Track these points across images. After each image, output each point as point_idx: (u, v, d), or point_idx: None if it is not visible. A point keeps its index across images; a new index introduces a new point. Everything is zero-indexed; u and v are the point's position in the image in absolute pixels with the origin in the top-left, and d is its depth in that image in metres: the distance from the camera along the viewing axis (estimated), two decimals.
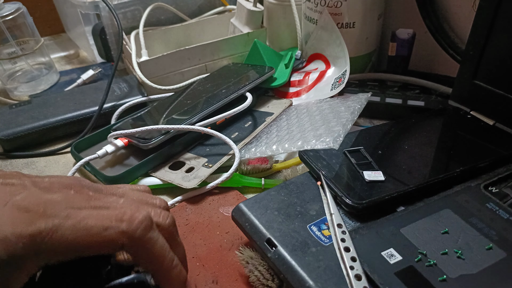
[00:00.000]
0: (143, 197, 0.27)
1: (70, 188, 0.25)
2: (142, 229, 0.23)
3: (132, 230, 0.23)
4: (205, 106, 0.47)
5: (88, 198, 0.25)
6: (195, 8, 0.67)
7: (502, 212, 0.30)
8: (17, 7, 0.58)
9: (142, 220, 0.24)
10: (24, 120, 0.50)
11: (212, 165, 0.43)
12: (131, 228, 0.23)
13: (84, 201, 0.24)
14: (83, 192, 0.25)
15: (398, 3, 0.54)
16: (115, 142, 0.44)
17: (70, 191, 0.24)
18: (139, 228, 0.23)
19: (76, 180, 0.26)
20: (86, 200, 0.24)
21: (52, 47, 0.76)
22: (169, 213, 0.27)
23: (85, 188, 0.25)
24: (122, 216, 0.23)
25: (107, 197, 0.25)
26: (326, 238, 0.30)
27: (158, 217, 0.26)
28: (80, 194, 0.25)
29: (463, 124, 0.43)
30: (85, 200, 0.24)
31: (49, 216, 0.22)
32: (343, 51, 0.52)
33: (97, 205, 0.24)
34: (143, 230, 0.23)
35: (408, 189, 0.33)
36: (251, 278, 0.31)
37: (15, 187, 0.24)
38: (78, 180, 0.26)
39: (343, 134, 0.40)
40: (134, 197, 0.27)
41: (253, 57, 0.57)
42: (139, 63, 0.53)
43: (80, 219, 0.23)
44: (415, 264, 0.27)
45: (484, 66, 0.41)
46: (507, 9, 0.37)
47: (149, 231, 0.24)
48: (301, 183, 0.36)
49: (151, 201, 0.28)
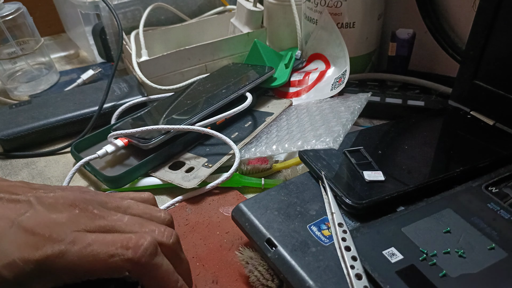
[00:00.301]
0: (147, 211, 0.28)
1: (74, 206, 0.25)
2: (147, 256, 0.24)
3: (138, 258, 0.23)
4: (205, 106, 0.47)
5: (93, 217, 0.25)
6: (195, 8, 0.67)
7: (503, 212, 0.30)
8: (17, 7, 0.58)
9: (147, 248, 0.24)
10: (24, 120, 0.50)
11: (212, 165, 0.43)
12: (136, 256, 0.23)
13: (89, 220, 0.24)
14: (87, 210, 0.25)
15: (398, 3, 0.54)
16: (115, 142, 0.44)
17: (75, 210, 0.25)
18: (144, 255, 0.24)
19: (80, 194, 0.26)
20: (91, 219, 0.25)
21: (52, 47, 0.76)
22: (173, 230, 0.27)
23: (89, 205, 0.25)
24: (127, 243, 0.24)
25: (111, 215, 0.25)
26: (326, 238, 0.30)
27: (162, 236, 0.26)
28: (85, 213, 0.25)
29: (463, 124, 0.43)
30: (90, 220, 0.24)
31: (55, 241, 0.23)
32: (343, 51, 0.52)
33: (102, 226, 0.25)
34: (148, 257, 0.24)
35: (408, 189, 0.33)
36: (251, 278, 0.31)
37: (21, 205, 0.24)
38: (82, 193, 0.26)
39: (343, 134, 0.40)
40: (139, 211, 0.27)
41: (253, 57, 0.57)
42: (139, 63, 0.53)
43: (86, 244, 0.23)
44: (416, 263, 0.27)
45: (484, 66, 0.41)
46: (507, 9, 0.37)
47: (154, 258, 0.24)
48: (301, 183, 0.36)
49: (156, 214, 0.28)
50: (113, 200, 0.27)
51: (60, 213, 0.24)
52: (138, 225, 0.25)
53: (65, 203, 0.25)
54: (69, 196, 0.25)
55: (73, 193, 0.26)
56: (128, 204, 0.27)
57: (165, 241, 0.26)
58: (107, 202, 0.27)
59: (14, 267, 0.22)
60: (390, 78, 0.54)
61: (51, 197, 0.25)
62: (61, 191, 0.26)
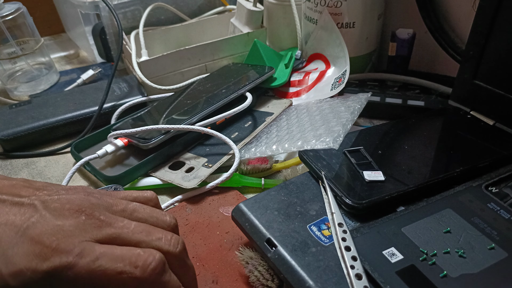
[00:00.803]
0: (153, 214, 0.27)
1: (81, 211, 0.25)
2: (155, 275, 0.24)
3: (146, 277, 0.23)
4: (205, 106, 0.47)
5: (100, 224, 0.25)
6: (195, 8, 0.67)
7: (503, 212, 0.30)
8: (17, 7, 0.58)
9: (156, 267, 0.24)
10: (24, 120, 0.50)
11: (212, 165, 0.43)
12: (144, 276, 0.23)
13: (96, 229, 0.24)
14: (94, 217, 0.25)
15: (398, 3, 0.54)
16: (115, 142, 0.44)
17: (81, 216, 0.24)
18: (152, 274, 0.24)
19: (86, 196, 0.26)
20: (98, 227, 0.24)
21: (52, 47, 0.76)
22: (179, 237, 0.27)
23: (95, 210, 0.25)
24: (136, 260, 0.23)
25: (118, 221, 0.25)
26: (326, 238, 0.30)
27: (169, 245, 0.26)
28: (92, 220, 0.25)
29: (463, 124, 0.43)
30: (97, 228, 0.24)
31: (63, 252, 0.22)
32: (343, 51, 0.52)
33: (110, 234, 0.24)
34: (156, 276, 0.24)
35: (408, 189, 0.33)
36: (251, 278, 0.31)
37: (25, 209, 0.24)
38: (87, 196, 0.26)
39: (343, 134, 0.40)
40: (145, 214, 0.27)
41: (253, 57, 0.57)
42: (139, 63, 0.53)
43: (94, 258, 0.23)
44: (416, 263, 0.27)
45: (484, 66, 0.41)
46: (507, 9, 0.37)
47: (162, 276, 0.24)
48: (301, 183, 0.36)
49: (162, 218, 0.28)
50: (118, 203, 0.27)
51: (66, 219, 0.24)
52: (145, 233, 0.25)
53: (71, 208, 0.25)
54: (75, 201, 0.25)
55: (78, 195, 0.26)
56: (134, 207, 0.27)
57: (172, 250, 0.26)
58: (112, 204, 0.27)
59: (21, 276, 0.22)
60: (390, 78, 0.54)
61: (56, 200, 0.25)
62: (65, 192, 0.26)
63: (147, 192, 0.30)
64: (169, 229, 0.27)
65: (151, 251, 0.24)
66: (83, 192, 0.27)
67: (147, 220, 0.27)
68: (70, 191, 0.26)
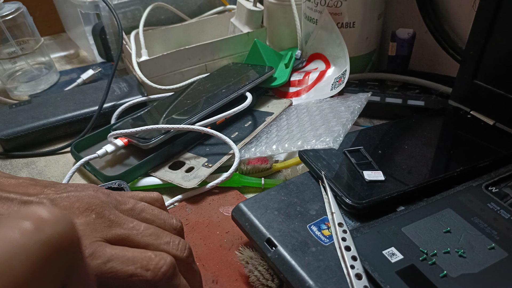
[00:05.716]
0: (161, 216, 0.28)
1: (90, 210, 0.25)
2: (166, 279, 0.24)
3: (156, 280, 0.23)
4: (205, 106, 0.47)
5: (110, 224, 0.25)
6: (195, 8, 0.67)
7: (503, 212, 0.30)
8: (17, 7, 0.58)
9: (167, 271, 0.24)
10: (24, 120, 0.50)
11: (212, 165, 0.43)
12: (155, 279, 0.23)
13: (107, 228, 0.24)
14: (104, 216, 0.25)
15: (398, 3, 0.54)
16: (115, 142, 0.44)
17: (92, 215, 0.24)
18: (163, 278, 0.24)
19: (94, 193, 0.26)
20: (108, 227, 0.24)
21: (52, 47, 0.76)
22: (186, 242, 0.27)
23: (105, 209, 0.25)
24: (147, 263, 0.23)
25: (127, 222, 0.25)
26: (326, 238, 0.30)
27: (176, 250, 0.26)
28: (102, 219, 0.24)
29: (463, 124, 0.43)
30: (107, 228, 0.24)
31: None
32: (343, 51, 0.52)
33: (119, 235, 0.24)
34: (166, 279, 0.24)
35: (408, 189, 0.33)
36: (251, 278, 0.31)
37: None
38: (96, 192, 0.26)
39: (343, 134, 0.40)
40: (153, 216, 0.27)
41: (253, 57, 0.57)
42: (139, 63, 0.53)
43: (106, 260, 0.23)
44: (416, 262, 0.27)
45: (484, 66, 0.41)
46: (507, 9, 0.37)
47: (172, 280, 0.24)
48: (301, 183, 0.36)
49: (169, 221, 0.28)
50: (127, 201, 0.27)
51: (77, 218, 0.24)
52: (154, 237, 0.25)
53: (81, 206, 0.24)
54: (84, 198, 0.25)
55: (87, 192, 0.26)
56: (142, 207, 0.27)
57: (179, 255, 0.26)
58: (121, 202, 0.27)
59: None
60: (390, 78, 0.54)
61: (65, 198, 0.25)
62: (74, 189, 0.26)
63: (153, 193, 0.30)
64: (176, 232, 0.27)
65: (162, 254, 0.24)
66: (91, 188, 0.26)
67: (154, 222, 0.27)
68: (78, 188, 0.26)
